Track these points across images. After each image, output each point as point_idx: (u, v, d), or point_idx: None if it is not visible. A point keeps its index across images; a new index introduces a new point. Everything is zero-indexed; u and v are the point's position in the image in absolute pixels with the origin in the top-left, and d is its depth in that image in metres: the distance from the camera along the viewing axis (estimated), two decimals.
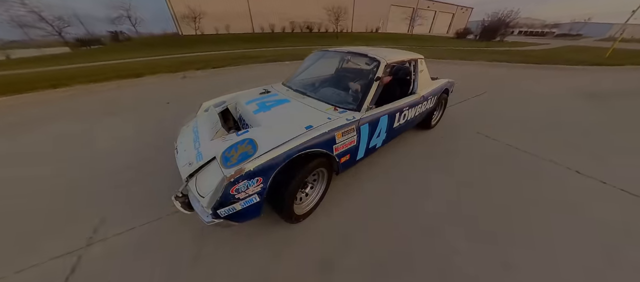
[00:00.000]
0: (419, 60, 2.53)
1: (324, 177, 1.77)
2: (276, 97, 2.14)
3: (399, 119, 2.24)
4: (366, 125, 1.81)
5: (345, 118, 1.69)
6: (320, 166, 1.59)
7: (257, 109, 1.90)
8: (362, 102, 1.85)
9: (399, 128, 2.33)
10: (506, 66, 9.42)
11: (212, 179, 1.29)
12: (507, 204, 1.93)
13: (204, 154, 1.48)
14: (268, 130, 1.56)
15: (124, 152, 2.69)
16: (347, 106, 1.86)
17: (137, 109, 4.22)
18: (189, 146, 1.69)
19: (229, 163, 1.27)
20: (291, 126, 1.55)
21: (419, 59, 2.54)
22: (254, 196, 1.27)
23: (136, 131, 3.27)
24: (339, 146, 1.61)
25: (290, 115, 1.78)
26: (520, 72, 8.35)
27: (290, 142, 1.36)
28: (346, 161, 1.77)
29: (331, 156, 1.58)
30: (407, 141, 2.94)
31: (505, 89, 5.77)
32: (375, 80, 1.91)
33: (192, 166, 1.44)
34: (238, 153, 1.33)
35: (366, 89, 1.91)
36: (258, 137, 1.43)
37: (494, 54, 12.66)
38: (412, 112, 2.43)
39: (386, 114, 2.01)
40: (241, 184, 1.20)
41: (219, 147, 1.44)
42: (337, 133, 1.57)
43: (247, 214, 1.31)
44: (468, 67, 9.14)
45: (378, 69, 1.98)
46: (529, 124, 3.63)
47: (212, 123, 1.80)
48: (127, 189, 2.07)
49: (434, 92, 2.80)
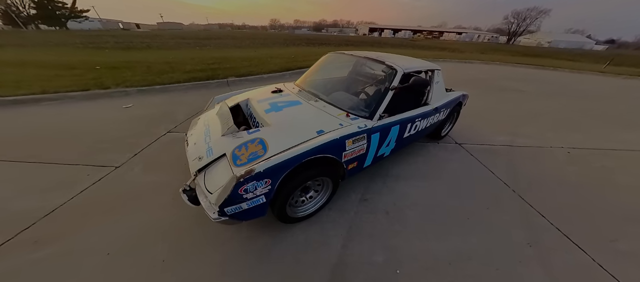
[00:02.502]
0: (436, 72, 2.46)
1: (329, 184, 1.72)
2: (288, 97, 2.11)
3: (410, 129, 2.18)
4: (377, 134, 1.76)
5: (357, 125, 1.65)
6: (322, 175, 1.56)
7: (269, 108, 1.88)
8: (375, 110, 1.79)
9: (408, 138, 2.26)
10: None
11: (221, 176, 1.30)
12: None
13: (214, 150, 1.48)
14: (279, 131, 1.55)
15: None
16: (359, 113, 1.81)
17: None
18: (199, 139, 1.70)
19: (239, 162, 1.28)
20: (303, 129, 1.54)
21: (436, 70, 2.46)
22: (261, 196, 1.25)
23: None
24: (348, 152, 1.58)
25: (302, 118, 1.75)
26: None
27: (301, 145, 1.35)
28: (353, 168, 1.74)
29: (339, 162, 1.55)
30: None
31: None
32: (390, 89, 1.85)
33: (202, 161, 1.44)
34: (248, 152, 1.33)
35: (380, 97, 1.85)
36: (269, 137, 1.44)
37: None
38: (424, 123, 2.35)
39: (397, 124, 1.95)
40: (250, 185, 1.19)
41: (230, 144, 1.45)
42: (348, 140, 1.54)
43: (253, 214, 1.30)
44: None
45: (394, 78, 1.91)
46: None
47: (223, 118, 1.78)
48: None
49: (447, 104, 2.69)
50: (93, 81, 5.05)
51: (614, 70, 13.00)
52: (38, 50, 10.30)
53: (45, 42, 14.08)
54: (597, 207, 2.10)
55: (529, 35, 70.89)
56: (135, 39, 17.19)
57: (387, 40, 39.99)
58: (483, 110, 4.64)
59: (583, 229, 1.82)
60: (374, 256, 1.49)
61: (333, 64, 2.72)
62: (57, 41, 14.44)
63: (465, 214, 1.91)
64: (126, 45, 13.44)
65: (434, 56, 13.70)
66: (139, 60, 8.23)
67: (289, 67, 7.48)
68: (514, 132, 3.66)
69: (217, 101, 2.34)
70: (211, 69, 6.64)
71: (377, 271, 1.41)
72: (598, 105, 5.70)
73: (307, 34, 45.30)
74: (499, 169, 2.60)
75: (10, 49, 10.66)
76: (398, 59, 2.32)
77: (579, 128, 4.07)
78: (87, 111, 3.85)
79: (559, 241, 1.71)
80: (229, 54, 10.31)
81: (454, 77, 8.33)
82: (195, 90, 5.15)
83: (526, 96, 6.20)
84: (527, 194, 2.19)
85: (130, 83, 5.03)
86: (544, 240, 1.71)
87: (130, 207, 1.82)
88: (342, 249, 1.52)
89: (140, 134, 3.00)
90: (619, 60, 18.56)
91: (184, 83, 5.27)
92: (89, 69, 6.52)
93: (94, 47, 12.55)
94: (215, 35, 25.20)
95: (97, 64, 7.15)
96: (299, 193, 1.64)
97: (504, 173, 2.53)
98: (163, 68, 6.81)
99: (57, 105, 4.02)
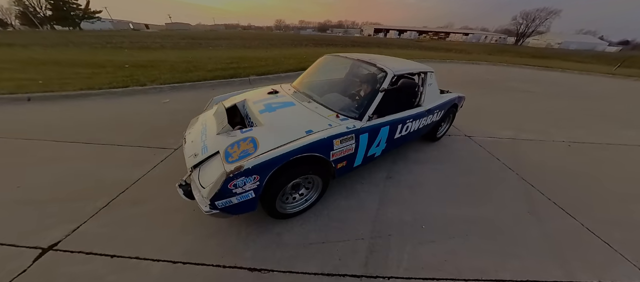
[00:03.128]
0: (429, 74, 2.48)
1: (318, 182, 1.76)
2: (283, 99, 2.18)
3: (401, 130, 2.19)
4: (366, 134, 1.79)
5: (345, 126, 1.69)
6: (311, 173, 1.62)
7: (263, 109, 1.96)
8: (365, 111, 1.83)
9: (400, 139, 2.28)
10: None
11: (214, 172, 1.37)
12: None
13: (209, 147, 1.56)
14: (270, 130, 1.63)
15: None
16: (349, 114, 1.85)
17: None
18: (196, 137, 1.79)
19: (231, 159, 1.35)
20: (292, 129, 1.60)
21: (429, 73, 2.48)
22: (250, 192, 1.32)
23: None
24: (336, 152, 1.62)
25: (293, 119, 1.83)
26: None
27: (289, 144, 1.41)
28: (343, 167, 1.78)
29: (328, 161, 1.60)
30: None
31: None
32: (380, 91, 1.89)
33: (197, 157, 1.53)
34: (240, 150, 1.41)
35: (370, 99, 1.90)
36: (260, 136, 1.52)
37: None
38: (416, 124, 2.36)
39: (387, 125, 1.98)
40: (239, 180, 1.26)
41: (224, 142, 1.52)
42: (335, 140, 1.59)
43: (243, 208, 1.36)
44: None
45: (384, 80, 1.96)
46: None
47: (219, 118, 1.85)
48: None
49: (441, 106, 2.72)
50: (128, 79, 5.52)
51: (625, 72, 13.04)
52: (64, 50, 10.93)
53: (66, 42, 14.77)
54: (590, 189, 2.42)
55: (538, 36, 69.84)
56: (148, 39, 17.77)
57: (393, 41, 40.22)
58: (491, 109, 4.95)
59: (576, 203, 2.15)
60: (403, 216, 1.86)
61: (329, 66, 2.77)
62: (76, 41, 15.13)
63: (475, 190, 2.27)
64: (142, 46, 14.01)
65: (440, 57, 13.96)
66: (161, 59, 8.74)
67: (303, 66, 7.87)
68: (519, 128, 3.97)
69: (216, 102, 2.42)
70: (232, 68, 7.09)
71: (406, 226, 1.78)
72: (602, 105, 5.94)
73: (313, 35, 45.77)
74: (504, 156, 2.94)
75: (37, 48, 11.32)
76: (390, 61, 2.35)
77: (582, 125, 4.36)
78: (130, 105, 4.30)
79: (555, 211, 2.06)
80: (243, 54, 10.77)
81: (461, 78, 8.62)
82: (221, 88, 5.58)
83: (534, 96, 6.47)
84: (528, 176, 2.53)
85: (162, 80, 5.50)
86: (542, 211, 2.05)
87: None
88: (377, 212, 1.90)
89: (184, 124, 3.41)
90: (632, 62, 18.44)
91: (210, 80, 5.73)
92: (119, 68, 7.02)
93: (112, 47, 13.16)
94: (224, 36, 25.78)
95: (124, 63, 7.66)
96: (290, 190, 1.69)
97: (508, 160, 2.86)
98: (186, 67, 7.28)
99: (104, 100, 4.50)
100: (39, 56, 8.71)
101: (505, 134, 3.69)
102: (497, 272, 1.47)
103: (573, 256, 1.63)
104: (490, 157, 2.94)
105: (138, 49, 12.76)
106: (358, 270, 1.42)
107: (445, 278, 1.41)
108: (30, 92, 4.43)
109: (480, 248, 1.64)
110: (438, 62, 12.38)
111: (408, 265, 1.47)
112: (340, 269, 1.42)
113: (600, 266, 1.57)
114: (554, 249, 1.67)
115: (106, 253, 1.48)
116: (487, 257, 1.57)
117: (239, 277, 1.37)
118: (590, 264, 1.58)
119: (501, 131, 3.76)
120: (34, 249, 1.49)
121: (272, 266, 1.43)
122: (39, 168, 2.31)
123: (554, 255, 1.62)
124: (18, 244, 1.52)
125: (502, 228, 1.83)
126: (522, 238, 1.75)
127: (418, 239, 1.67)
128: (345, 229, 1.72)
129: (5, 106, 4.02)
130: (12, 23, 55.20)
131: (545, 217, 1.98)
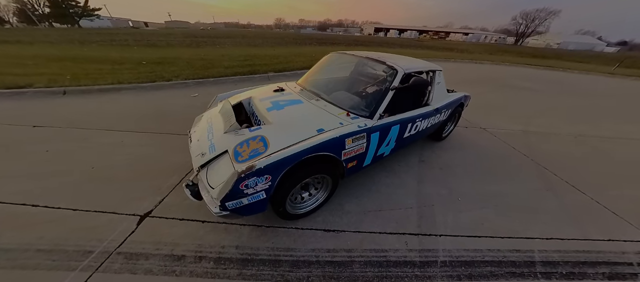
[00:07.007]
0: (437, 72, 2.46)
1: (328, 181, 1.73)
2: (290, 96, 2.13)
3: (410, 129, 2.17)
4: (377, 133, 1.77)
5: (356, 124, 1.65)
6: (322, 173, 1.61)
7: (271, 106, 1.91)
8: (375, 110, 1.79)
9: (409, 138, 2.26)
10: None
11: (223, 172, 1.34)
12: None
13: (216, 146, 1.52)
14: (280, 129, 1.59)
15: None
16: (359, 112, 1.81)
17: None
18: (202, 136, 1.74)
19: (240, 158, 1.32)
20: (303, 127, 1.57)
21: (438, 71, 2.46)
22: (262, 192, 1.29)
23: None
24: (348, 151, 1.59)
25: (302, 117, 1.79)
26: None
27: (302, 143, 1.38)
28: (353, 167, 1.75)
29: (338, 160, 1.57)
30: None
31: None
32: (391, 89, 1.85)
33: (205, 157, 1.48)
34: (250, 149, 1.38)
35: (380, 97, 1.86)
36: (270, 135, 1.49)
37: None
38: (424, 123, 2.34)
39: (398, 124, 1.95)
40: (250, 181, 1.22)
41: (232, 141, 1.49)
42: (347, 139, 1.56)
43: (253, 209, 1.33)
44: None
45: (395, 78, 1.91)
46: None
47: (226, 116, 1.81)
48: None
49: (449, 105, 2.70)
50: (152, 74, 5.75)
51: (624, 71, 13.50)
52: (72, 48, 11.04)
53: (70, 39, 14.82)
54: (597, 172, 2.76)
55: (537, 36, 70.60)
56: (153, 37, 17.78)
57: (395, 40, 40.58)
58: (498, 105, 5.28)
59: (586, 183, 2.48)
60: (441, 191, 2.18)
61: (335, 64, 2.72)
62: (80, 39, 15.11)
63: (497, 171, 2.59)
64: (148, 43, 14.10)
65: (443, 56, 14.29)
66: (173, 56, 8.93)
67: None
68: (528, 122, 4.30)
69: (220, 99, 2.37)
70: (248, 65, 7.34)
71: (444, 198, 2.09)
72: (603, 103, 6.31)
73: (315, 34, 45.98)
74: (518, 145, 3.26)
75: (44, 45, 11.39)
76: (399, 59, 2.32)
77: (585, 121, 4.71)
78: (162, 99, 4.54)
79: (568, 189, 2.39)
80: (253, 52, 11.00)
81: (468, 76, 8.95)
82: (243, 83, 5.83)
83: (537, 94, 6.83)
84: (542, 161, 2.86)
85: (184, 76, 5.74)
86: (556, 188, 2.38)
87: None
88: (417, 187, 2.21)
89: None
90: (630, 63, 19.02)
91: (231, 76, 5.98)
92: (137, 64, 7.23)
93: (118, 44, 13.26)
94: (227, 34, 25.81)
95: (140, 60, 7.87)
96: (299, 190, 1.66)
97: (522, 148, 3.19)
98: (202, 64, 7.50)
99: (136, 93, 4.73)
100: (54, 53, 8.86)
101: (516, 127, 4.01)
102: (526, 232, 1.78)
103: (587, 221, 1.95)
104: (506, 145, 3.25)
105: (145, 46, 12.90)
106: (414, 230, 1.73)
107: (485, 235, 1.72)
108: (63, 86, 4.65)
109: (509, 215, 1.95)
110: (443, 61, 12.71)
111: (454, 226, 1.78)
112: (399, 230, 1.72)
113: (609, 229, 1.89)
114: (570, 216, 2.00)
115: (197, 219, 1.75)
116: (516, 222, 1.88)
117: (317, 236, 1.64)
118: (601, 228, 1.90)
119: (512, 125, 4.08)
120: (133, 216, 1.75)
121: (342, 227, 1.71)
122: (105, 152, 2.56)
123: (570, 220, 1.95)
124: (118, 211, 1.79)
125: (525, 201, 2.15)
126: (543, 208, 2.07)
127: (457, 208, 1.98)
128: (394, 201, 2.02)
129: (44, 99, 4.24)
130: (9, 20, 54.60)
131: (560, 193, 2.30)
